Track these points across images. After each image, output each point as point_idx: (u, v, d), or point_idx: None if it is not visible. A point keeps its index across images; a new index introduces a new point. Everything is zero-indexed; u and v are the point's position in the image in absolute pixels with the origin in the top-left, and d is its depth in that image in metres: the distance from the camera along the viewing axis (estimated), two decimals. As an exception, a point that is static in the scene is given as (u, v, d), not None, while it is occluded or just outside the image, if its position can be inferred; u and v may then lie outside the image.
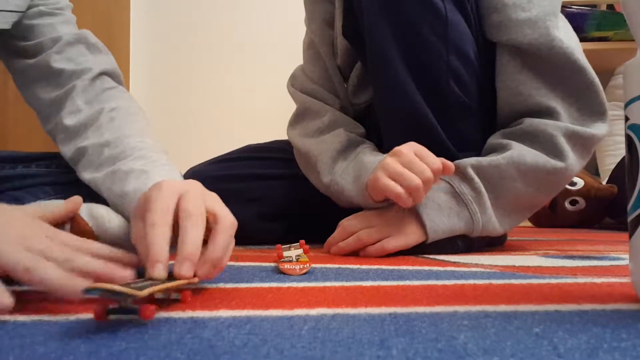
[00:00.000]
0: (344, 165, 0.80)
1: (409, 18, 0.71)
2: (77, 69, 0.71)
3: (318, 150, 0.84)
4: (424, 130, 0.74)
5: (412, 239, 0.73)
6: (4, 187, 0.68)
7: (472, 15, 0.76)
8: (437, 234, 0.73)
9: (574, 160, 0.75)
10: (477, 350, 0.27)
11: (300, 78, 0.97)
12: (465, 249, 0.77)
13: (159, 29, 2.17)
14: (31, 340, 0.29)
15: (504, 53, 0.76)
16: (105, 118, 0.66)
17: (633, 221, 0.37)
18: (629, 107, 0.38)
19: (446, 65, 0.73)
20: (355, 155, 0.80)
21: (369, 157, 0.77)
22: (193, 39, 2.19)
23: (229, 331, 0.32)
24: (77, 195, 0.54)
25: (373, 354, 0.27)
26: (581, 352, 0.27)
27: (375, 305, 0.39)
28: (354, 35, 0.82)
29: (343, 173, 0.79)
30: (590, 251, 0.81)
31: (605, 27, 1.85)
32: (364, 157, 0.78)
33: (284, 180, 0.95)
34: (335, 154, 0.82)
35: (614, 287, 0.47)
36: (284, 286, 0.48)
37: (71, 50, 0.72)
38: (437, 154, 0.70)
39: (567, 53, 0.74)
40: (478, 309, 0.37)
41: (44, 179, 0.69)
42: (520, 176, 0.73)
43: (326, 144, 0.84)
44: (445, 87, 0.74)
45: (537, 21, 0.73)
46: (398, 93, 0.74)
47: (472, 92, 0.76)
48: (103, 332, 0.31)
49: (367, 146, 0.81)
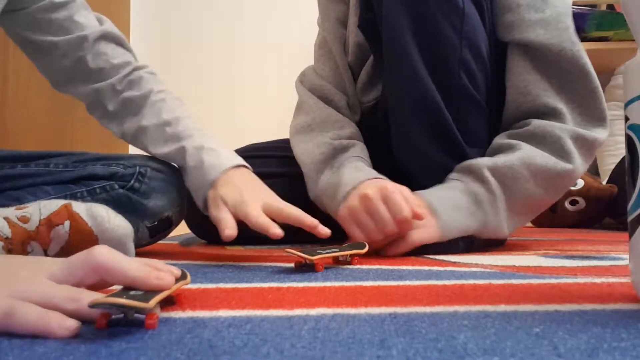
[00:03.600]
0: (327, 177, 0.80)
1: (427, 8, 0.71)
2: (115, 64, 0.77)
3: (304, 159, 0.86)
4: (434, 118, 0.74)
5: (432, 233, 0.72)
6: (4, 186, 0.68)
7: (487, 12, 0.77)
8: (451, 232, 0.73)
9: (580, 162, 0.75)
10: (477, 350, 0.27)
11: (309, 75, 0.98)
12: (465, 249, 0.76)
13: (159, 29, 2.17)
14: (31, 340, 0.29)
15: (514, 52, 0.77)
16: (155, 98, 0.77)
17: (633, 221, 0.37)
18: (629, 107, 0.38)
19: (459, 58, 0.73)
20: (339, 165, 0.80)
21: (347, 173, 0.77)
22: (193, 39, 2.19)
23: (229, 331, 0.31)
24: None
25: (373, 354, 0.27)
26: (581, 352, 0.27)
27: (375, 305, 0.39)
28: (370, 28, 0.82)
29: (325, 188, 0.80)
30: (590, 251, 0.81)
31: (605, 27, 1.85)
32: (343, 171, 0.78)
33: (286, 179, 0.95)
34: (320, 166, 0.82)
35: (614, 287, 0.47)
36: (284, 286, 0.48)
37: (101, 47, 0.77)
38: (446, 145, 0.71)
39: (575, 56, 0.75)
40: (478, 309, 0.37)
41: (43, 179, 0.69)
42: (531, 177, 0.73)
43: (310, 155, 0.84)
44: (456, 78, 0.74)
45: (550, 22, 0.74)
46: (411, 79, 0.73)
47: (481, 88, 0.77)
48: (103, 332, 0.31)
49: (354, 155, 0.81)
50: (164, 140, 0.74)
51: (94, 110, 0.80)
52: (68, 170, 0.71)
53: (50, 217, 0.57)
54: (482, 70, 0.76)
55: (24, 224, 0.57)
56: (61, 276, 0.34)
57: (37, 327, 0.30)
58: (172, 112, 0.75)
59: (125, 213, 0.63)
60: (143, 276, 0.34)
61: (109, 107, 0.78)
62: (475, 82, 0.75)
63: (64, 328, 0.30)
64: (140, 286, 0.34)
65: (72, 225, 0.58)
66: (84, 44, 0.74)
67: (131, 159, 0.74)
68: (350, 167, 0.78)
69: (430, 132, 0.75)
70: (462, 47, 0.73)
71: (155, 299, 0.32)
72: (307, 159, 0.85)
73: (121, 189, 0.70)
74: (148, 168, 0.72)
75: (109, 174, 0.71)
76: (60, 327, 0.30)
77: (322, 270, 0.57)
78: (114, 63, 0.77)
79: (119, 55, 0.78)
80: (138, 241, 0.70)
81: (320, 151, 0.83)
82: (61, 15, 0.74)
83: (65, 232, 0.58)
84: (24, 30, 0.74)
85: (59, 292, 0.33)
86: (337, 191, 0.76)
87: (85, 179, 0.70)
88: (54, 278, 0.34)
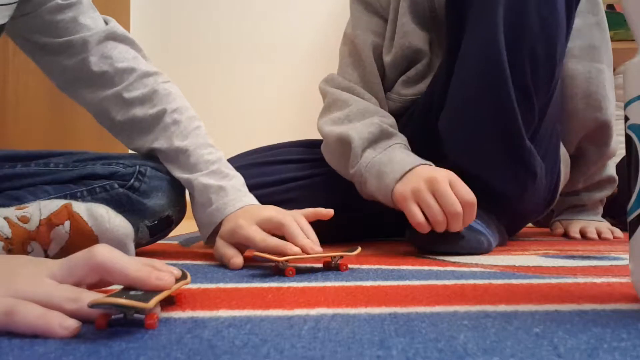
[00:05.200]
0: (372, 155, 0.80)
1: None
2: (119, 68, 0.74)
3: (348, 136, 0.83)
4: (500, 97, 0.73)
5: None
6: (3, 186, 0.68)
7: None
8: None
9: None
10: (477, 350, 0.27)
11: (337, 79, 0.97)
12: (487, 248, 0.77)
13: (159, 29, 2.17)
14: (31, 340, 0.29)
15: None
16: (169, 120, 0.74)
17: (633, 221, 0.37)
18: (629, 107, 0.38)
19: (530, 51, 0.73)
20: (384, 147, 0.80)
21: (400, 155, 0.77)
22: (193, 39, 2.19)
23: (229, 331, 0.32)
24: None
25: (373, 354, 0.27)
26: (581, 352, 0.27)
27: (375, 305, 0.39)
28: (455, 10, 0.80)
29: (369, 165, 0.79)
30: (590, 251, 0.81)
31: (605, 27, 1.85)
32: (394, 153, 0.78)
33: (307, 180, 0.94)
34: (366, 143, 0.81)
35: (614, 287, 0.47)
36: (284, 286, 0.48)
37: (106, 49, 0.75)
38: (504, 131, 0.73)
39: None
40: (478, 309, 0.37)
41: (43, 178, 0.69)
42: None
43: (356, 131, 0.83)
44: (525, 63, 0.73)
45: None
46: (489, 56, 0.72)
47: (542, 85, 0.76)
48: (103, 332, 0.31)
49: (399, 142, 0.81)
50: (176, 166, 0.73)
51: (101, 120, 0.78)
52: (68, 169, 0.71)
53: (50, 217, 0.57)
54: (550, 74, 0.76)
55: (24, 224, 0.57)
56: (61, 275, 0.34)
57: (38, 326, 0.30)
58: (184, 139, 0.73)
59: (125, 212, 0.63)
60: (143, 276, 0.34)
61: (117, 118, 0.75)
62: (538, 75, 0.75)
63: (65, 328, 0.30)
64: (140, 286, 0.34)
65: (73, 226, 0.58)
66: (88, 46, 0.73)
67: (131, 158, 0.74)
68: (401, 151, 0.79)
69: (491, 112, 0.74)
70: (538, 41, 0.72)
71: (155, 299, 0.32)
72: (351, 134, 0.83)
73: (121, 189, 0.70)
74: (148, 167, 0.72)
75: (108, 173, 0.71)
76: (61, 327, 0.30)
77: (292, 275, 0.54)
78: (117, 67, 0.74)
79: (124, 59, 0.75)
80: (138, 240, 0.70)
81: (369, 130, 0.82)
82: (67, 16, 0.72)
83: (66, 232, 0.58)
84: (32, 34, 0.73)
85: (59, 292, 0.33)
86: (387, 167, 0.76)
87: (85, 178, 0.70)
88: (54, 277, 0.34)
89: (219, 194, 0.68)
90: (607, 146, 1.06)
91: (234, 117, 2.16)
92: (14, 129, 1.45)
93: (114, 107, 0.75)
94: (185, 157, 0.72)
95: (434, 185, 0.70)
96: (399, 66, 0.94)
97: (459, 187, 0.71)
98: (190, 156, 0.72)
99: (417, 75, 0.93)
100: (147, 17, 2.15)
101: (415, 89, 0.93)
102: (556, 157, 0.91)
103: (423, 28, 0.92)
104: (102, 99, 0.75)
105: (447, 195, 0.69)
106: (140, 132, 0.75)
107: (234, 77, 2.18)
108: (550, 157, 0.88)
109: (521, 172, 0.79)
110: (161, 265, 0.38)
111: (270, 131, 1.85)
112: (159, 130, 0.74)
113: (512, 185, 0.79)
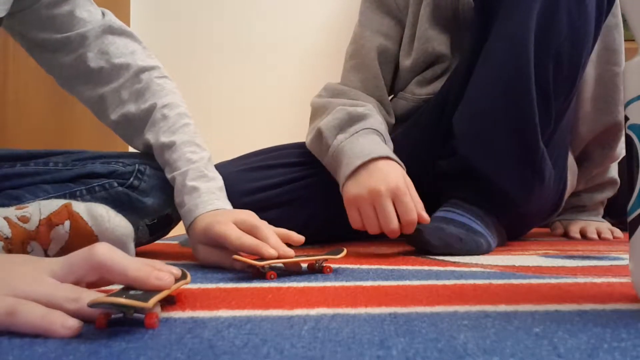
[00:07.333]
0: (340, 140, 0.79)
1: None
2: (116, 63, 0.74)
3: (318, 129, 0.83)
4: (521, 95, 0.73)
5: None
6: (3, 185, 0.68)
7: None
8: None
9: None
10: (477, 350, 0.27)
11: (330, 87, 0.96)
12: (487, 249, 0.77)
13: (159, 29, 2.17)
14: (31, 340, 0.29)
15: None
16: (158, 115, 0.73)
17: (633, 221, 0.37)
18: (629, 107, 0.37)
19: (556, 53, 0.73)
20: (352, 132, 0.79)
21: (362, 143, 0.76)
22: (193, 39, 2.19)
23: (229, 331, 0.31)
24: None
25: (373, 354, 0.27)
26: (581, 352, 0.27)
27: (375, 305, 0.39)
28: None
29: (334, 153, 0.79)
30: (590, 251, 0.81)
31: (605, 26, 1.85)
32: (358, 140, 0.77)
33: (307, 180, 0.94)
34: (335, 131, 0.81)
35: (614, 287, 0.47)
36: (284, 286, 0.48)
37: (104, 44, 0.74)
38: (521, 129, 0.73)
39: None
40: (478, 309, 0.37)
41: (42, 177, 0.69)
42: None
43: (324, 122, 0.83)
44: (549, 65, 0.74)
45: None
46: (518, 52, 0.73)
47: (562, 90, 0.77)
48: (103, 332, 0.31)
49: (369, 127, 0.80)
50: (161, 163, 0.72)
51: (100, 117, 0.78)
52: (67, 168, 0.71)
53: (50, 216, 0.57)
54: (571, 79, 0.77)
55: (24, 223, 0.57)
56: (62, 274, 0.34)
57: (40, 326, 0.30)
58: (170, 135, 0.71)
59: (125, 211, 0.63)
60: (143, 276, 0.34)
61: (114, 115, 0.75)
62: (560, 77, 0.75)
63: (67, 328, 0.30)
64: (140, 286, 0.34)
65: (72, 225, 0.58)
66: (85, 42, 0.73)
67: (130, 157, 0.74)
68: (367, 136, 0.78)
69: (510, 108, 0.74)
70: (564, 40, 0.72)
71: (155, 298, 0.32)
72: (322, 125, 0.83)
73: (120, 187, 0.70)
74: (147, 166, 0.72)
75: (108, 172, 0.71)
76: (63, 326, 0.30)
77: (272, 278, 0.52)
78: (114, 63, 0.74)
79: (121, 55, 0.75)
80: (138, 239, 0.70)
81: (335, 117, 0.82)
82: (63, 10, 0.72)
83: (66, 232, 0.58)
84: (30, 31, 0.72)
85: (60, 291, 0.33)
86: (344, 161, 0.76)
87: (85, 177, 0.70)
88: (54, 276, 0.34)
89: (192, 194, 0.66)
90: (613, 149, 1.06)
91: (233, 116, 2.16)
92: (14, 129, 1.45)
93: (111, 104, 0.75)
94: (169, 154, 0.70)
95: (375, 199, 0.71)
96: (418, 69, 0.94)
97: (404, 203, 0.70)
98: (173, 153, 0.70)
99: (433, 75, 0.93)
100: (147, 17, 2.15)
101: (430, 89, 0.93)
102: (564, 165, 0.91)
103: (444, 31, 0.92)
104: (99, 96, 0.75)
105: (386, 212, 0.70)
106: (135, 128, 0.75)
107: (233, 77, 2.18)
108: (560, 165, 0.88)
109: (530, 174, 0.78)
110: (161, 265, 0.38)
111: (270, 131, 1.85)
112: (149, 125, 0.73)
113: (519, 187, 0.79)
